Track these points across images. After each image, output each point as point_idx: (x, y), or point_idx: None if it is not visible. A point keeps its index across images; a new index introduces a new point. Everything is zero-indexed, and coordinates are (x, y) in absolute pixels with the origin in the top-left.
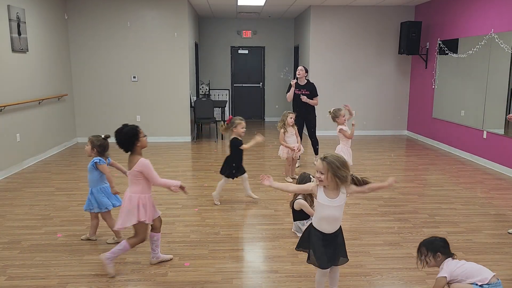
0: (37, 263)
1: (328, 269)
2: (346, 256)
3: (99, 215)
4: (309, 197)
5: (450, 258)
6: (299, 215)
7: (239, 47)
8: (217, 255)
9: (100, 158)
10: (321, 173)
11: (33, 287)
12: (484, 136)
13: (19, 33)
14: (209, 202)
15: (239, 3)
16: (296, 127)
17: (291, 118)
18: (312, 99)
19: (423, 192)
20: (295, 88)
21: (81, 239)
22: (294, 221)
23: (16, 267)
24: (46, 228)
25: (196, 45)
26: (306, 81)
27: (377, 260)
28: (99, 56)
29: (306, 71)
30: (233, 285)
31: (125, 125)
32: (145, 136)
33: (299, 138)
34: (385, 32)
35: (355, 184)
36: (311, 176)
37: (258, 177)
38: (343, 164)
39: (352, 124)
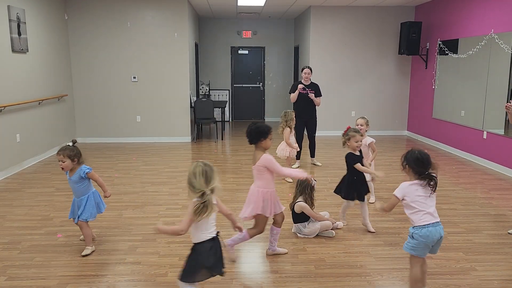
0: (37, 263)
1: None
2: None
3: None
4: (309, 199)
5: (415, 181)
6: (300, 217)
7: (239, 48)
8: None
9: (87, 166)
10: None
11: (33, 287)
12: (484, 137)
13: (19, 34)
14: None
15: (239, 4)
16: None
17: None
18: (317, 98)
19: None
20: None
21: (80, 240)
22: (294, 223)
23: (16, 268)
24: (46, 229)
25: (196, 46)
26: (310, 81)
27: (377, 260)
28: (99, 56)
29: (312, 72)
30: (233, 285)
31: (261, 122)
32: (271, 139)
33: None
34: (385, 32)
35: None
36: (312, 178)
37: None
38: None
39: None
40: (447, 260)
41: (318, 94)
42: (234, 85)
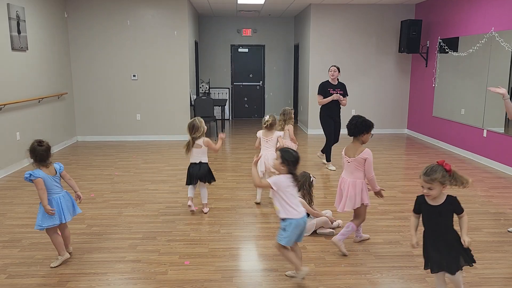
0: (38, 261)
1: None
2: None
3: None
4: (308, 195)
5: (288, 175)
6: None
7: (239, 46)
8: (217, 253)
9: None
10: None
11: (34, 285)
12: (484, 135)
13: (19, 32)
14: (209, 201)
15: (239, 2)
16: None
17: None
18: (344, 99)
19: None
20: (329, 87)
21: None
22: None
23: (16, 266)
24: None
25: (196, 44)
26: (337, 81)
27: (377, 258)
28: (99, 54)
29: (339, 70)
30: (233, 284)
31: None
32: (371, 135)
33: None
34: (385, 30)
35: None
36: (311, 175)
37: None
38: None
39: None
40: None
41: (345, 94)
42: (234, 83)
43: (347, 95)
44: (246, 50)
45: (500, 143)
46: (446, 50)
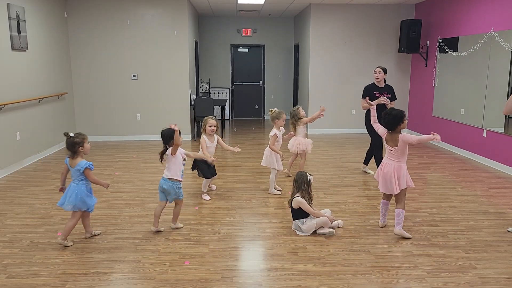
0: (38, 261)
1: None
2: None
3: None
4: (307, 195)
5: None
6: (298, 213)
7: (239, 46)
8: (217, 253)
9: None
10: None
11: (34, 285)
12: (484, 135)
13: (19, 32)
14: (209, 201)
15: (239, 1)
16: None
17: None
18: (390, 104)
19: (423, 190)
20: (375, 90)
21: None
22: (293, 219)
23: (16, 266)
24: (46, 227)
25: (196, 44)
26: (384, 82)
27: (377, 258)
28: (99, 54)
29: (385, 72)
30: (233, 283)
31: (395, 110)
32: (407, 120)
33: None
34: (385, 30)
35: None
36: (307, 174)
37: (259, 176)
38: None
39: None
40: (446, 258)
41: (393, 97)
42: (234, 83)
43: (396, 99)
44: (246, 50)
45: (500, 143)
46: (446, 50)
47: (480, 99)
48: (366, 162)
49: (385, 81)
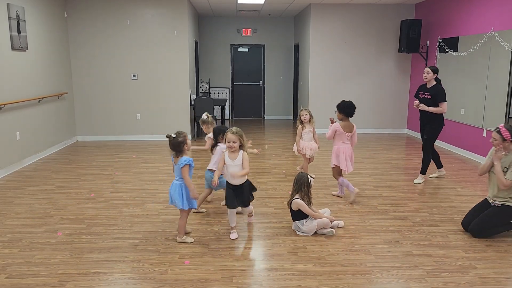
0: (37, 261)
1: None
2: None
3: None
4: (306, 197)
5: None
6: (298, 214)
7: (239, 45)
8: (217, 253)
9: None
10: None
11: (34, 285)
12: (484, 135)
13: (19, 31)
14: (210, 202)
15: (239, 1)
16: (314, 125)
17: (305, 115)
18: (435, 106)
19: (423, 190)
20: (420, 90)
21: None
22: (293, 220)
23: (16, 265)
24: (46, 226)
25: (196, 43)
26: (434, 82)
27: (377, 258)
28: (99, 54)
29: (435, 72)
30: (233, 283)
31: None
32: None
33: (316, 136)
34: (385, 30)
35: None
36: (308, 176)
37: (259, 175)
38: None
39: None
40: (446, 258)
41: (437, 98)
42: (234, 83)
43: (443, 101)
44: (246, 50)
45: (500, 143)
46: (446, 50)
47: (480, 99)
48: (438, 166)
49: (439, 81)
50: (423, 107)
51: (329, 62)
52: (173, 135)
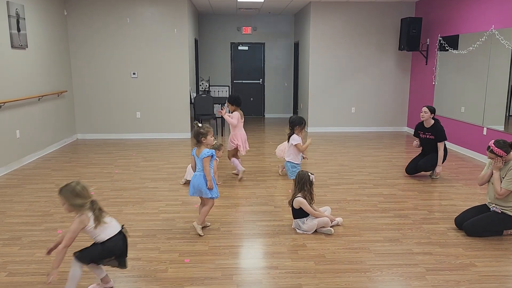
0: (38, 259)
1: None
2: None
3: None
4: (309, 195)
5: None
6: (299, 213)
7: (239, 44)
8: (217, 251)
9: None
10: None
11: (34, 283)
12: (484, 133)
13: (19, 29)
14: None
15: None
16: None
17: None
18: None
19: (423, 188)
20: (420, 130)
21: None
22: (294, 219)
23: (16, 263)
24: (46, 225)
25: (196, 42)
26: (432, 121)
27: (377, 256)
28: (99, 52)
29: (432, 112)
30: (233, 281)
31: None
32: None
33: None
34: (385, 28)
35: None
36: (309, 173)
37: (259, 174)
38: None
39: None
40: (446, 256)
41: (438, 138)
42: (234, 81)
43: (442, 140)
44: (246, 48)
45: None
46: (446, 48)
47: (480, 97)
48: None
49: (437, 121)
50: (415, 144)
51: (329, 60)
52: (199, 124)
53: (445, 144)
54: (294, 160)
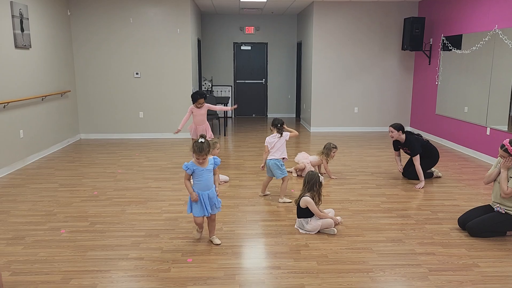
0: (41, 258)
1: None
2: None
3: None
4: (317, 196)
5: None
6: (304, 212)
7: (242, 43)
8: (219, 251)
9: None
10: None
11: (37, 282)
12: (488, 133)
13: (22, 29)
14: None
15: None
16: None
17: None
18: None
19: (426, 188)
20: (399, 145)
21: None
22: (298, 218)
23: (20, 263)
24: (49, 224)
25: (199, 41)
26: (404, 136)
27: (380, 256)
28: (102, 52)
29: (398, 129)
30: (235, 281)
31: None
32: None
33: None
34: (388, 28)
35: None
36: (319, 174)
37: (261, 174)
38: None
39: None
40: (449, 256)
41: (413, 152)
42: (237, 81)
43: (416, 154)
44: (249, 47)
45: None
46: (450, 48)
47: (483, 97)
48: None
49: (409, 135)
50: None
51: (332, 60)
52: (201, 140)
53: (420, 157)
54: (283, 155)
